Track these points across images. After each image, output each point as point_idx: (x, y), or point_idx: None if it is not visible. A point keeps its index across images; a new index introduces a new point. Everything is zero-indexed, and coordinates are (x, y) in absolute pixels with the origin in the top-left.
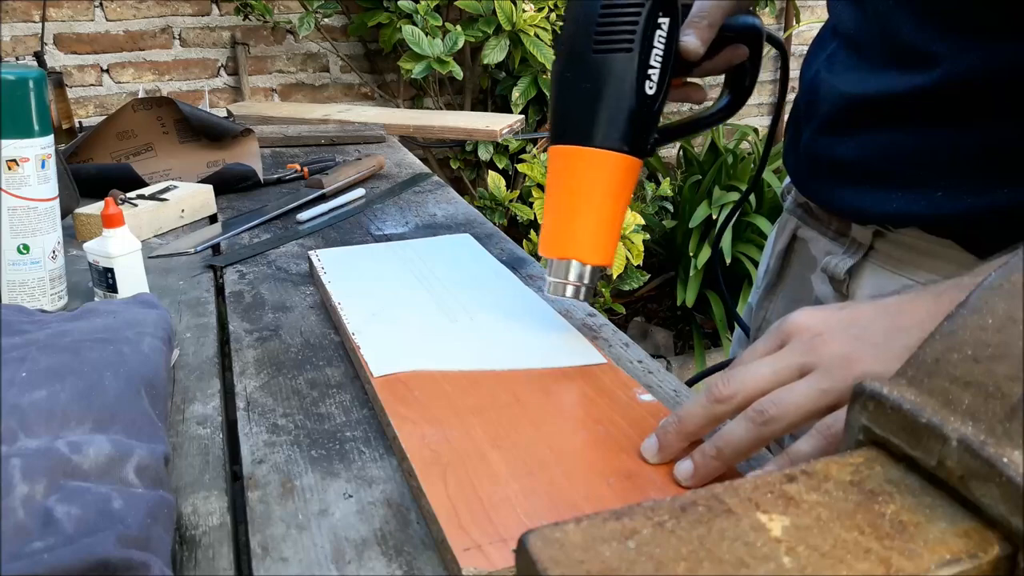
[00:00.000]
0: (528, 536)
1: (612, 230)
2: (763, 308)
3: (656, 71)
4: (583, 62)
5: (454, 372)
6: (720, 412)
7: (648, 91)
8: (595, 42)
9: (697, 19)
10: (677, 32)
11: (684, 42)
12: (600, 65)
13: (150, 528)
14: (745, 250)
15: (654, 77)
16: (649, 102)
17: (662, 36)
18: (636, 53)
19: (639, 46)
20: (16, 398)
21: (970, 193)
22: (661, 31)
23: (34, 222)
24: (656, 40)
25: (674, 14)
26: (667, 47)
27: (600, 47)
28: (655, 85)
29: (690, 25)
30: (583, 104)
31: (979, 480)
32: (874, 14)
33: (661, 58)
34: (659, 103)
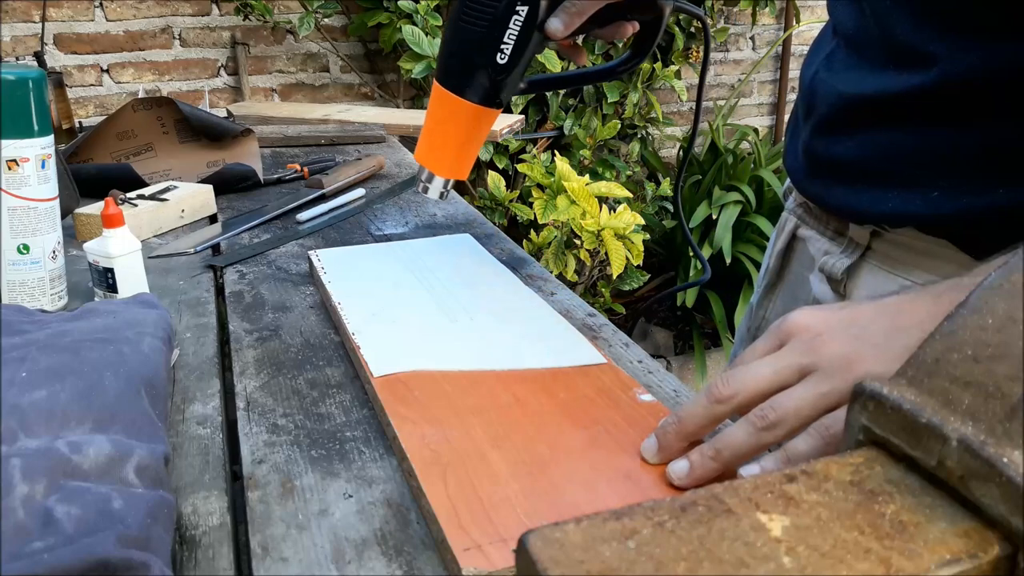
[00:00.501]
0: (528, 536)
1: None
2: (762, 307)
3: (509, 45)
4: (454, 24)
5: (454, 372)
6: (720, 412)
7: (499, 60)
8: (463, 13)
9: (569, 5)
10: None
11: (548, 24)
12: (462, 31)
13: (150, 528)
14: (745, 250)
15: (506, 50)
16: (500, 68)
17: (519, 20)
18: (489, 30)
19: (494, 26)
20: (16, 398)
21: (968, 193)
22: (518, 16)
23: (34, 222)
24: (512, 23)
25: (534, 3)
26: (524, 27)
27: (464, 18)
28: (507, 56)
29: (562, 9)
30: (451, 55)
31: (979, 480)
32: (872, 14)
33: (516, 36)
34: (515, 69)
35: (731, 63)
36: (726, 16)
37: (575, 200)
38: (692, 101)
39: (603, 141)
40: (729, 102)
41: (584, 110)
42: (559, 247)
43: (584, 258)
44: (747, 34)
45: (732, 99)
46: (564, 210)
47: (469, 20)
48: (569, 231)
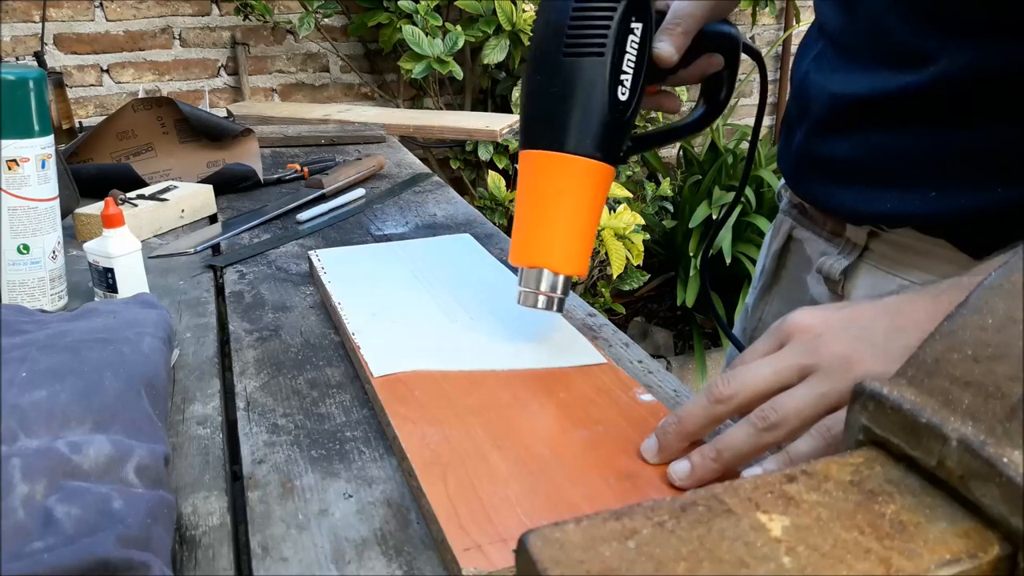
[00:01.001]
0: (528, 536)
1: (584, 239)
2: (759, 309)
3: (628, 77)
4: (553, 65)
5: (454, 372)
6: (720, 413)
7: (620, 97)
8: (566, 45)
9: (671, 26)
10: (650, 38)
11: (658, 48)
12: (570, 69)
13: (150, 528)
14: (745, 250)
15: (626, 83)
16: (621, 108)
17: (635, 41)
18: (608, 58)
19: (611, 51)
20: (16, 398)
21: (965, 193)
22: (634, 36)
23: (34, 222)
24: (628, 45)
25: (647, 20)
26: (639, 53)
27: (570, 50)
28: (627, 91)
29: (664, 31)
30: (554, 109)
31: (979, 480)
32: (865, 14)
33: (634, 64)
34: (632, 110)
35: None
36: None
37: None
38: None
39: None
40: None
41: None
42: None
43: None
44: (747, 34)
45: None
46: None
47: (577, 50)
48: None
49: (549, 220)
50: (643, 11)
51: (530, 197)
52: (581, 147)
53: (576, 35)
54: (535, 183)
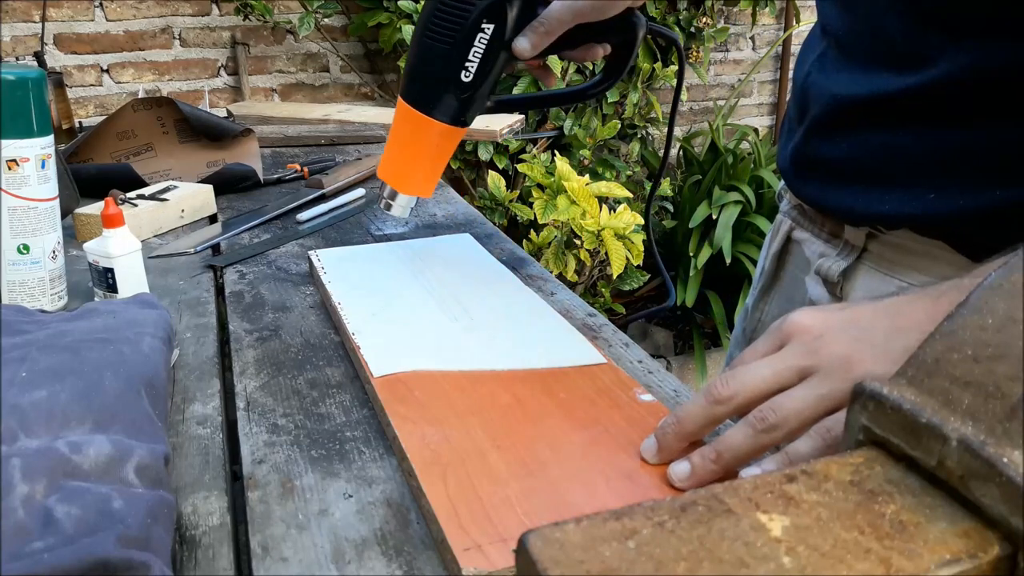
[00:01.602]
0: (528, 536)
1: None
2: (758, 310)
3: (474, 64)
4: (418, 42)
5: (454, 372)
6: (719, 413)
7: (464, 78)
8: (427, 30)
9: (536, 24)
10: (505, 34)
11: (516, 43)
12: (427, 48)
13: (150, 528)
14: (745, 250)
15: (471, 68)
16: (464, 86)
17: (484, 38)
18: (454, 48)
19: (458, 44)
20: (16, 398)
21: (964, 194)
22: (484, 34)
23: (34, 222)
24: (477, 40)
25: (500, 21)
26: (490, 46)
27: (428, 35)
28: (471, 74)
29: (530, 28)
30: (415, 72)
31: (979, 480)
32: (865, 15)
33: (481, 54)
34: (481, 87)
35: (731, 63)
36: (726, 16)
37: (575, 200)
38: (693, 101)
39: (603, 141)
40: (729, 102)
41: (584, 110)
42: (559, 247)
43: (584, 258)
44: (747, 34)
45: (732, 99)
46: (564, 210)
47: (434, 36)
48: (569, 231)
49: (403, 155)
50: (497, 15)
51: (396, 135)
52: (429, 111)
53: (435, 25)
54: (399, 125)
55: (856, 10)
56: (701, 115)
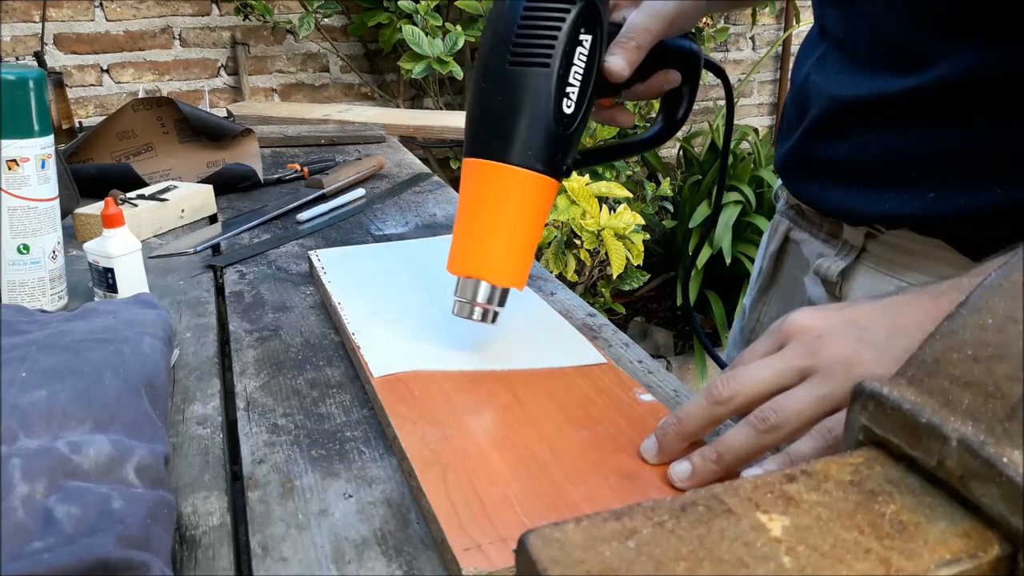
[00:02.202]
0: (528, 536)
1: (524, 251)
2: (757, 310)
3: (575, 89)
4: (499, 74)
5: (454, 372)
6: (719, 413)
7: (566, 110)
8: (512, 54)
9: (625, 39)
10: (601, 51)
11: (608, 62)
12: (515, 78)
13: (150, 528)
14: (745, 250)
15: (572, 96)
16: (566, 121)
17: (583, 54)
18: (554, 69)
19: (558, 62)
20: (16, 398)
21: (964, 194)
22: (583, 48)
23: (34, 222)
24: (576, 57)
25: (598, 32)
26: (588, 66)
27: (516, 59)
28: (573, 104)
29: (617, 45)
30: (497, 118)
31: (979, 480)
32: (865, 16)
33: (581, 76)
34: (578, 123)
35: (731, 63)
36: (726, 16)
37: (575, 200)
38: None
39: (603, 141)
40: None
41: None
42: (559, 247)
43: (584, 258)
44: (747, 34)
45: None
46: (564, 210)
47: (523, 59)
48: (569, 231)
49: (488, 231)
50: (594, 23)
51: (471, 206)
52: (523, 159)
53: (522, 44)
54: (476, 192)
55: (856, 11)
56: (701, 115)
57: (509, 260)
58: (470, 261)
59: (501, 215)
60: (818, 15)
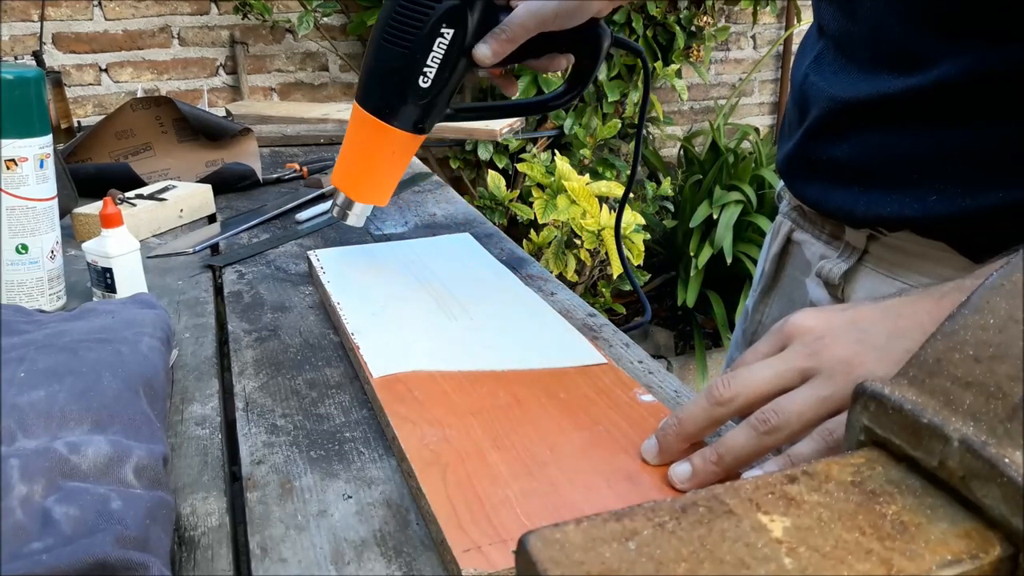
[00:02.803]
0: (528, 537)
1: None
2: (758, 311)
3: (432, 69)
4: (376, 45)
5: (454, 372)
6: (720, 414)
7: (422, 84)
8: (386, 33)
9: (499, 31)
10: (464, 40)
11: (476, 50)
12: (385, 52)
13: (149, 528)
14: (746, 250)
15: (429, 74)
16: (422, 92)
17: (443, 43)
18: (414, 52)
19: (417, 48)
20: (14, 398)
21: (965, 195)
22: (443, 39)
23: (32, 222)
24: (436, 45)
25: (460, 27)
26: (449, 51)
27: (387, 37)
28: (430, 80)
29: (491, 35)
30: (372, 77)
31: (980, 480)
32: (865, 16)
33: (440, 60)
34: (440, 94)
35: (732, 62)
36: (727, 15)
37: (575, 200)
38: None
39: (603, 140)
40: (730, 101)
41: (584, 109)
42: (559, 247)
43: (584, 258)
44: (748, 33)
45: (733, 98)
46: (564, 210)
47: (392, 40)
48: (569, 231)
49: (358, 162)
50: (457, 19)
51: (351, 140)
52: (386, 117)
53: (393, 27)
54: (354, 131)
55: (855, 12)
56: (702, 114)
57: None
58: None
59: (365, 153)
60: (817, 14)
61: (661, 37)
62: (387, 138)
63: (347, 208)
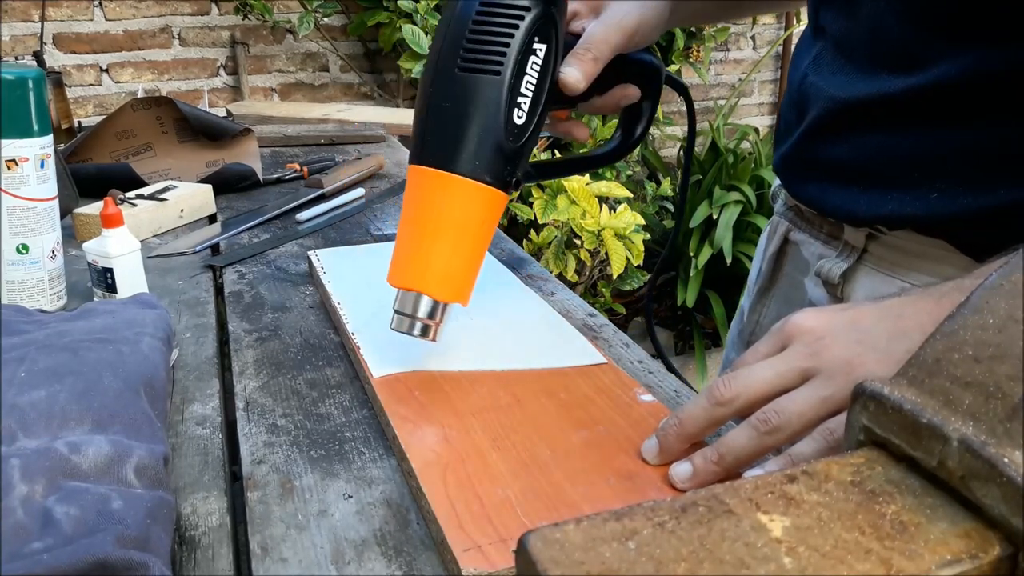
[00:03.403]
0: (528, 536)
1: (468, 265)
2: (756, 312)
3: (527, 100)
4: (448, 80)
5: (454, 372)
6: (721, 415)
7: (517, 120)
8: (462, 59)
9: (582, 51)
10: (556, 61)
11: (564, 74)
12: (465, 85)
13: (149, 528)
14: (745, 250)
15: (524, 106)
16: (517, 132)
17: (536, 63)
18: (505, 78)
19: (509, 71)
20: (15, 398)
21: (966, 194)
22: (536, 57)
23: (33, 222)
24: (530, 67)
25: (553, 41)
26: (541, 76)
27: (467, 65)
28: (525, 115)
29: (573, 56)
30: (445, 125)
31: (980, 480)
32: (865, 17)
33: (534, 87)
34: (529, 134)
35: (732, 62)
36: None
37: (575, 200)
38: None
39: (603, 141)
40: (729, 102)
41: None
42: (559, 247)
43: (584, 258)
44: (747, 33)
45: (733, 98)
46: (564, 210)
47: (475, 64)
48: (569, 231)
49: (432, 243)
50: (549, 32)
51: (415, 216)
52: (470, 169)
53: (473, 50)
54: (421, 202)
55: (855, 12)
56: (702, 114)
57: (453, 274)
58: (412, 273)
59: (446, 227)
60: (812, 15)
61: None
62: (476, 200)
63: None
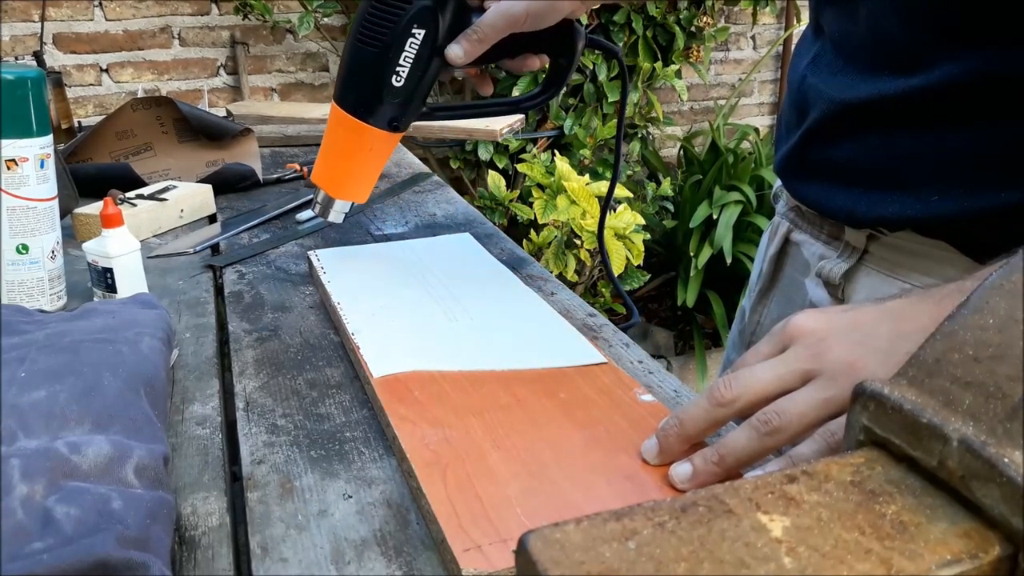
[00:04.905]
0: (528, 536)
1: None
2: (756, 312)
3: (405, 68)
4: (350, 46)
5: (454, 372)
6: (721, 416)
7: (395, 83)
8: (359, 33)
9: (471, 32)
10: (437, 40)
11: (449, 50)
12: (358, 52)
13: (149, 528)
14: (745, 250)
15: (402, 73)
16: (395, 91)
17: (415, 43)
18: (384, 52)
19: (390, 47)
20: (15, 398)
21: (967, 195)
22: (414, 39)
23: (33, 222)
24: (408, 45)
25: (432, 27)
26: (420, 51)
27: (361, 39)
28: (403, 79)
29: (463, 36)
30: (348, 76)
31: (980, 480)
32: (865, 18)
33: (412, 59)
34: (413, 93)
35: (732, 62)
36: (726, 15)
37: (575, 200)
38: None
39: (603, 141)
40: (730, 102)
41: (584, 109)
42: (559, 247)
43: (584, 258)
44: (748, 33)
45: (733, 98)
46: (564, 210)
47: (365, 40)
48: (569, 231)
49: (337, 159)
50: (428, 21)
51: (330, 138)
52: (358, 112)
53: (366, 28)
54: (333, 129)
55: (856, 13)
56: (702, 114)
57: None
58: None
59: (341, 150)
60: (814, 14)
61: (661, 38)
62: (364, 136)
63: (328, 206)
